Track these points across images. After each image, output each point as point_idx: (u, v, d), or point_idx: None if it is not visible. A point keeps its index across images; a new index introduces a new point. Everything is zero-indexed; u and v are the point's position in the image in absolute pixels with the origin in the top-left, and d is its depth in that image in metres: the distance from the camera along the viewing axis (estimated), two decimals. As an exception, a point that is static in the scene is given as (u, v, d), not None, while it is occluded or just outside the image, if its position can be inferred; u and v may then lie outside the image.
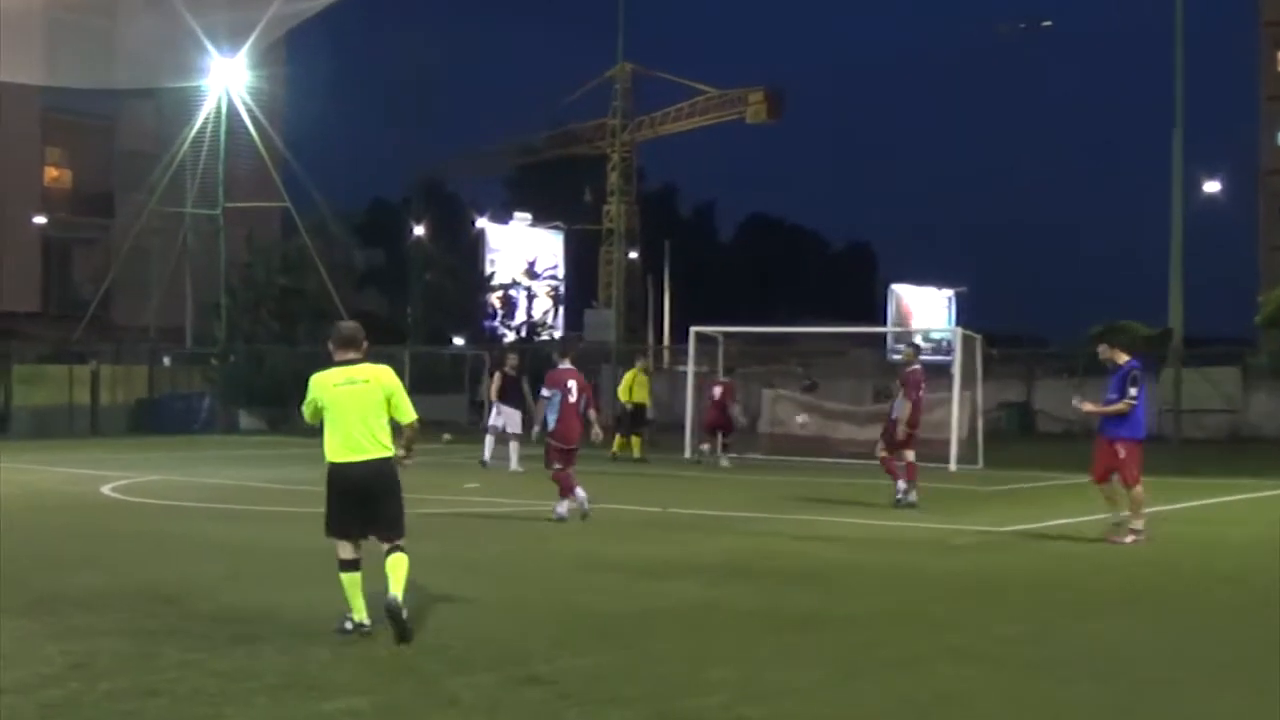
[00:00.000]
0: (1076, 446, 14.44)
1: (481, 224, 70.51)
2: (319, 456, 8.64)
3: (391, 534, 8.52)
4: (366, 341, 8.79)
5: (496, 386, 23.49)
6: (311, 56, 63.34)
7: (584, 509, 15.05)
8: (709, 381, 27.27)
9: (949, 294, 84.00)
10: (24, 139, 50.97)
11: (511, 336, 60.51)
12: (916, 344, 20.97)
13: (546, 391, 15.11)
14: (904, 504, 16.99)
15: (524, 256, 68.12)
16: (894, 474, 17.34)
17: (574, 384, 15.12)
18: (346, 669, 7.54)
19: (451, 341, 55.83)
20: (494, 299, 65.11)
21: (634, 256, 70.42)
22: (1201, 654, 8.38)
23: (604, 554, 12.49)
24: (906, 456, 17.32)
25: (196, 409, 37.55)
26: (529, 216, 73.41)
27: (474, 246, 68.38)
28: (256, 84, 40.20)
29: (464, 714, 6.67)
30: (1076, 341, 40.33)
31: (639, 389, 27.38)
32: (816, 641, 8.55)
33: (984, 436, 26.62)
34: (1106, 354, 13.82)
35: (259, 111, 39.88)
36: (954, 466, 24.23)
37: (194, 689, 7.03)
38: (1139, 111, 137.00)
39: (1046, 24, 60.87)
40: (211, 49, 38.15)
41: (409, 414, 8.66)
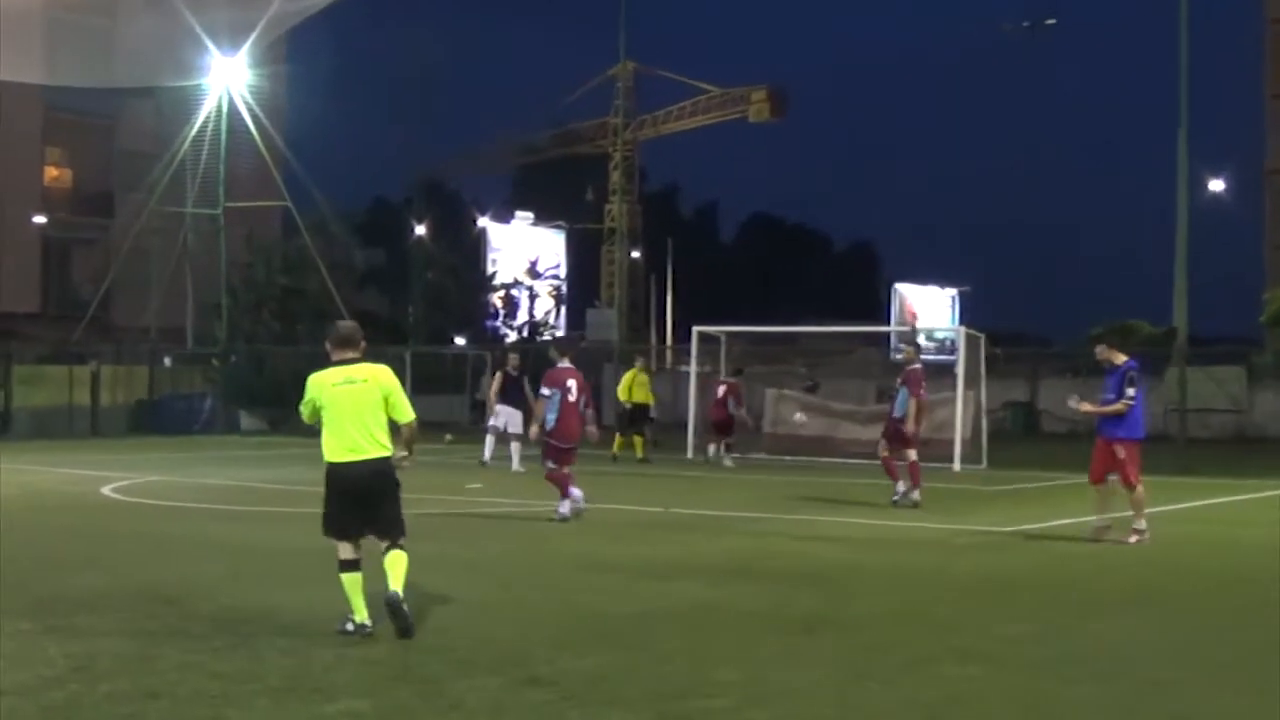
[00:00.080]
0: (1081, 446, 14.39)
1: (483, 223, 70.38)
2: (320, 457, 8.63)
3: (391, 533, 8.52)
4: (364, 341, 8.78)
5: (497, 386, 23.49)
6: (312, 55, 63.22)
7: (580, 509, 15.02)
8: (714, 381, 27.23)
9: (953, 293, 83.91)
10: (24, 138, 50.90)
11: (513, 336, 60.43)
12: (917, 343, 20.94)
13: (546, 390, 15.08)
14: (902, 504, 16.96)
15: (526, 256, 68.03)
16: (893, 474, 17.31)
17: (574, 383, 15.08)
18: (348, 671, 7.52)
19: (453, 341, 55.71)
20: (496, 299, 65.01)
21: (636, 256, 70.35)
22: (1205, 654, 8.36)
23: (606, 554, 12.46)
24: (908, 456, 17.28)
25: (197, 409, 37.48)
26: (531, 216, 73.34)
27: (476, 246, 68.26)
28: (257, 83, 40.06)
29: (466, 716, 6.65)
30: (1080, 341, 40.26)
31: (638, 389, 27.36)
32: (820, 642, 8.53)
33: (988, 436, 26.61)
34: (1104, 354, 13.79)
35: (260, 110, 39.76)
36: (958, 466, 24.22)
37: (195, 691, 7.01)
38: (1143, 110, 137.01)
39: (1051, 22, 60.51)
40: (212, 47, 38.04)
41: (407, 414, 8.65)
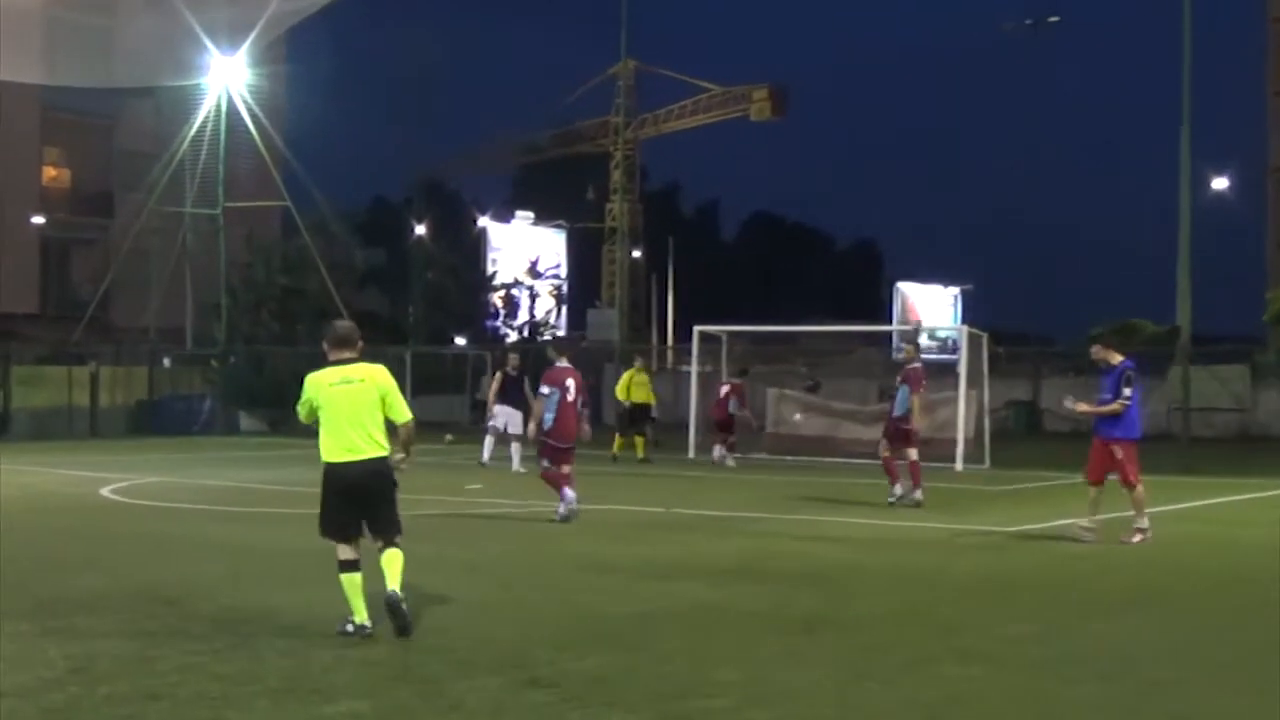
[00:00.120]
0: (1084, 446, 14.32)
1: (483, 223, 70.24)
2: (319, 458, 8.61)
3: (388, 532, 8.53)
4: (362, 341, 8.79)
5: (496, 387, 23.43)
6: (312, 54, 63.03)
7: (573, 510, 15.01)
8: (717, 383, 27.11)
9: (955, 292, 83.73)
10: (23, 138, 50.78)
11: (514, 336, 60.34)
12: (916, 341, 20.95)
13: (546, 389, 15.06)
14: (905, 503, 16.91)
15: (526, 256, 67.90)
16: (893, 475, 17.27)
17: (572, 383, 15.09)
18: (348, 672, 7.50)
19: (453, 341, 55.66)
20: (496, 298, 64.88)
21: (637, 255, 70.25)
22: (1207, 654, 8.34)
23: (606, 555, 12.43)
24: (909, 455, 17.24)
25: (197, 410, 37.40)
26: (531, 215, 73.20)
27: (476, 246, 68.13)
28: (256, 82, 40.01)
29: (467, 717, 6.62)
30: (1083, 340, 40.08)
31: (638, 389, 27.23)
32: (821, 643, 8.51)
33: (990, 436, 26.57)
34: (1100, 354, 13.73)
35: (259, 110, 39.69)
36: (960, 466, 24.17)
37: (195, 692, 6.99)
38: (1146, 108, 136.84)
39: (1053, 19, 60.23)
40: (211, 47, 38.00)
41: (404, 414, 8.66)
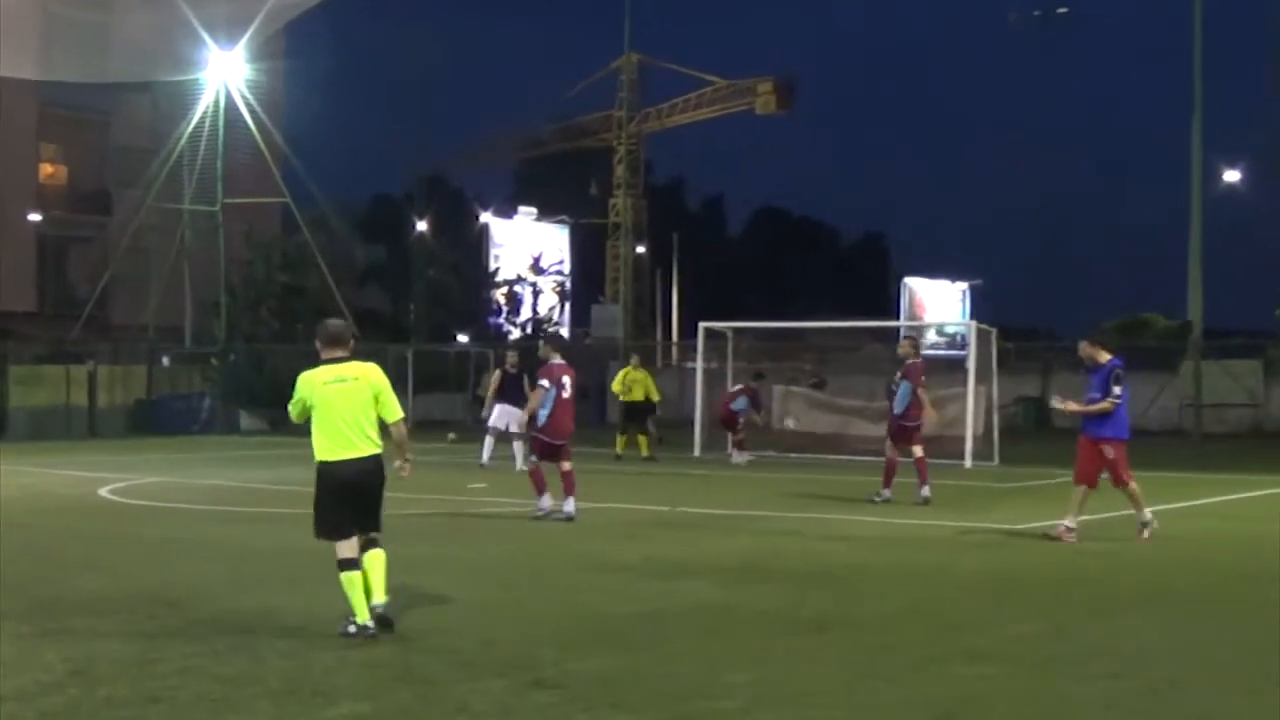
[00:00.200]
0: (1092, 443, 14.33)
1: (485, 219, 70.08)
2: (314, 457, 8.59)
3: (374, 528, 8.61)
4: (354, 339, 8.79)
5: (496, 384, 23.28)
6: (311, 49, 62.64)
7: (543, 512, 14.97)
8: (731, 392, 26.59)
9: (963, 287, 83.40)
10: (19, 134, 50.59)
11: (516, 333, 60.21)
12: (914, 337, 20.94)
13: (545, 382, 14.98)
14: (878, 501, 16.85)
15: (529, 252, 67.72)
16: (889, 475, 17.16)
17: (568, 379, 15.08)
18: (350, 673, 7.42)
19: (455, 339, 55.58)
20: (498, 295, 64.74)
21: (641, 251, 70.11)
22: (1218, 652, 8.26)
23: (611, 554, 12.34)
24: (915, 452, 17.16)
25: (196, 409, 37.27)
26: (534, 211, 73.01)
27: (478, 242, 68.01)
28: (255, 77, 39.91)
29: (471, 720, 6.53)
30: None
31: (637, 386, 26.97)
32: (830, 643, 8.44)
33: (999, 432, 26.39)
34: (1087, 351, 13.54)
35: (258, 105, 39.60)
36: (969, 463, 24.03)
37: (195, 694, 6.93)
38: (1157, 100, 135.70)
39: (1062, 10, 59.81)
40: (209, 41, 37.94)
41: (395, 412, 8.70)
